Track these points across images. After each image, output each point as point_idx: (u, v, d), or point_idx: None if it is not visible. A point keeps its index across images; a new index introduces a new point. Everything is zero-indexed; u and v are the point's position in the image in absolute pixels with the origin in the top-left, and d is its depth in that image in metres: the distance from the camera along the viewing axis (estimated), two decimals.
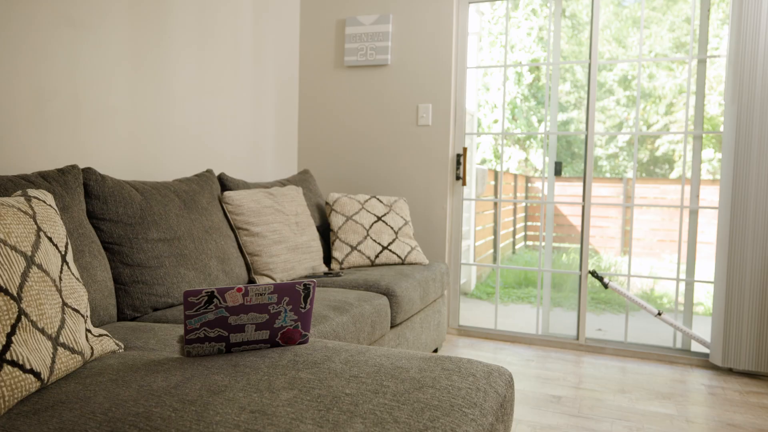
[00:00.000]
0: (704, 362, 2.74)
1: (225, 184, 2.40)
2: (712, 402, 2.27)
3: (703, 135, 2.79)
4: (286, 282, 1.26)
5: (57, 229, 1.17)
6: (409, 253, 2.68)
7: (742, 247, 2.52)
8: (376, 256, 2.64)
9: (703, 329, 2.98)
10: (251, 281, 2.26)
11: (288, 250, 2.31)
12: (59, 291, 1.10)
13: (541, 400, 2.25)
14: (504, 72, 3.15)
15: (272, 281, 1.18)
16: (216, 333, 1.26)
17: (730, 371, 2.65)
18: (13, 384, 0.91)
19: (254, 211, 2.28)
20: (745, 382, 2.50)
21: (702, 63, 2.79)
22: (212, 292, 1.22)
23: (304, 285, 1.27)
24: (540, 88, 9.24)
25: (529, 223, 8.64)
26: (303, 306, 1.29)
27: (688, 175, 2.84)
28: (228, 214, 2.26)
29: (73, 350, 1.07)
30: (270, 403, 0.95)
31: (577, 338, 2.99)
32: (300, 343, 1.35)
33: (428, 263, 2.74)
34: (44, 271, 1.05)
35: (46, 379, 0.98)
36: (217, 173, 2.62)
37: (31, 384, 0.94)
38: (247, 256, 2.25)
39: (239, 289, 1.23)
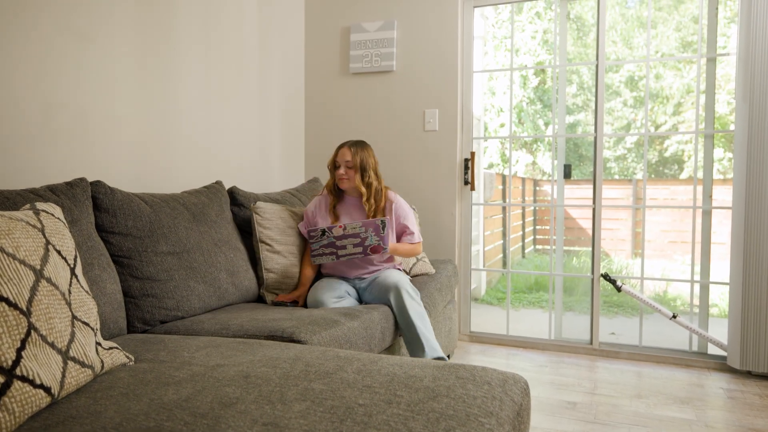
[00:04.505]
0: (722, 365, 2.69)
1: (235, 197, 2.37)
2: (732, 406, 2.23)
3: (714, 134, 2.76)
4: (369, 220, 2.08)
5: (66, 242, 1.17)
6: (413, 266, 2.60)
7: (758, 246, 2.47)
8: None
9: (719, 331, 2.93)
10: (260, 297, 2.23)
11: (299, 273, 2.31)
12: (68, 304, 1.09)
13: (556, 406, 2.22)
14: (510, 75, 3.14)
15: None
16: (330, 250, 2.11)
17: (748, 374, 2.60)
18: (24, 399, 0.90)
19: (281, 230, 2.28)
20: (765, 385, 2.45)
21: (711, 62, 2.76)
22: (324, 229, 2.10)
23: (381, 221, 2.06)
24: (546, 91, 9.22)
25: (537, 227, 8.59)
26: (382, 231, 2.07)
27: (699, 174, 2.80)
28: (256, 225, 2.25)
29: (83, 364, 1.06)
30: (282, 415, 0.93)
31: (591, 343, 2.95)
32: (382, 253, 2.11)
33: (434, 272, 2.65)
34: (53, 284, 1.05)
35: (56, 393, 0.97)
36: (224, 182, 2.61)
37: (41, 399, 0.93)
38: (263, 270, 2.22)
39: (341, 226, 2.09)
